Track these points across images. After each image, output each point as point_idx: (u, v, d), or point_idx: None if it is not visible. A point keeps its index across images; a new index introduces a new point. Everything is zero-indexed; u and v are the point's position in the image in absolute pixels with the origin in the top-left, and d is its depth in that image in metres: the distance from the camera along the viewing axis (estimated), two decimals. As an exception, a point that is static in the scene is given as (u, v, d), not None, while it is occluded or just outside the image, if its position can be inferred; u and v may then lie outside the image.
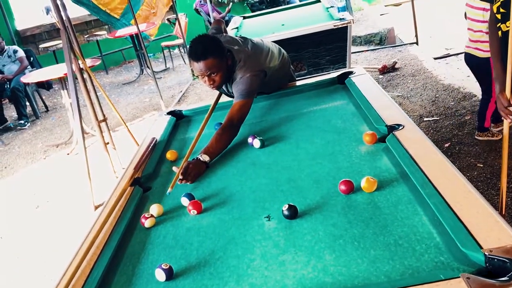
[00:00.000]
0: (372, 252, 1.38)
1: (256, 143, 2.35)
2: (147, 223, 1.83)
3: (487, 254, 1.19)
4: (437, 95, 4.90)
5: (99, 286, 1.50)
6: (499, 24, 2.20)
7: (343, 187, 1.73)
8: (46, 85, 7.50)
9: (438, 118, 4.38)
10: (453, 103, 4.63)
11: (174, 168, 2.24)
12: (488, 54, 2.96)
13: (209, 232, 1.71)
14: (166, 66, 9.28)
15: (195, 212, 1.85)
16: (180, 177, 2.15)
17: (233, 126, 2.47)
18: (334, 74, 3.10)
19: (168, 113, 3.15)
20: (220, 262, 1.51)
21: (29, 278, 3.47)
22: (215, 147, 2.35)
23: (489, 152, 3.56)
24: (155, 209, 1.91)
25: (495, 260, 1.17)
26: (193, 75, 7.99)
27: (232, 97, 2.71)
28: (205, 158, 2.27)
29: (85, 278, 1.53)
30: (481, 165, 3.42)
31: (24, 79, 6.12)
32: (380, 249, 1.38)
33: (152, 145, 2.63)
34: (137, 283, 1.51)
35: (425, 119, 4.42)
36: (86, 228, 1.87)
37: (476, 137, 3.82)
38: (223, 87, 2.81)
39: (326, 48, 4.55)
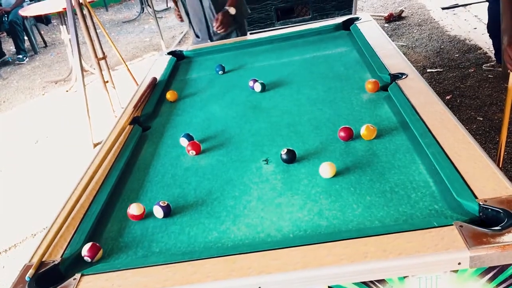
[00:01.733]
0: (368, 198, 1.40)
1: (257, 86, 2.33)
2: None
3: (481, 203, 1.20)
4: (442, 46, 4.82)
5: (98, 219, 1.53)
6: None
7: (342, 134, 1.73)
8: (44, 20, 7.35)
9: (441, 69, 4.33)
10: (457, 55, 4.56)
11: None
12: None
13: (207, 173, 1.73)
14: (167, 6, 9.06)
15: (194, 152, 1.86)
16: (216, 25, 3.05)
17: None
18: (339, 19, 3.03)
19: (169, 53, 3.10)
20: (217, 202, 1.54)
21: (28, 211, 3.54)
22: None
23: (489, 106, 3.55)
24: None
25: (489, 210, 1.18)
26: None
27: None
28: (232, 11, 3.04)
29: (84, 212, 1.55)
30: (481, 119, 3.42)
31: (23, 12, 5.98)
32: (376, 195, 1.40)
33: (152, 84, 2.60)
34: (135, 219, 1.54)
35: (428, 70, 4.38)
36: (85, 164, 1.88)
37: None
38: None
39: (332, -8, 4.43)
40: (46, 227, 1.50)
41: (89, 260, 1.34)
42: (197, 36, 3.45)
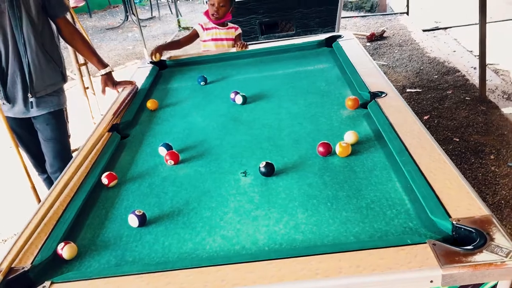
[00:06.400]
0: (344, 214, 1.40)
1: (238, 99, 2.33)
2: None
3: (454, 223, 1.22)
4: (421, 67, 4.92)
5: (71, 227, 1.50)
6: None
7: (321, 149, 1.74)
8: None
9: (420, 90, 4.41)
10: (436, 76, 4.65)
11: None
12: None
13: (185, 183, 1.72)
14: (152, 15, 9.07)
15: (172, 162, 1.85)
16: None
17: None
18: (322, 36, 3.07)
19: (151, 62, 3.09)
20: (193, 213, 1.52)
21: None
22: None
23: (466, 128, 3.62)
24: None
25: (462, 229, 1.20)
26: (179, 26, 7.82)
27: None
28: (108, 69, 2.70)
29: (58, 218, 1.52)
30: (457, 140, 3.48)
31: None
32: (352, 211, 1.41)
33: (133, 92, 2.59)
34: (110, 227, 1.51)
35: (408, 90, 4.45)
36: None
37: None
38: None
39: (317, 10, 4.49)
40: (17, 233, 1.46)
41: None
42: (7, 100, 2.50)
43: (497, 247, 1.11)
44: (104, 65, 2.70)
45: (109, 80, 2.71)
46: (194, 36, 3.39)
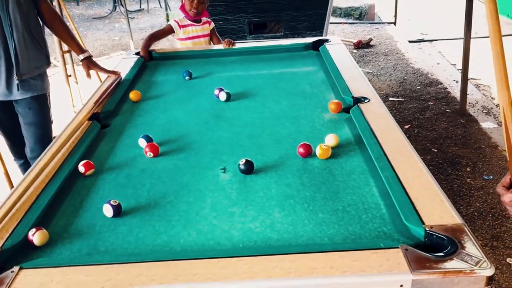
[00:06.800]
0: (320, 215, 1.41)
1: (222, 95, 2.33)
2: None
3: (427, 229, 1.23)
4: (405, 77, 4.97)
5: (44, 213, 1.47)
6: None
7: (301, 150, 1.75)
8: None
9: (403, 99, 4.46)
10: (419, 87, 4.71)
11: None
12: None
13: (163, 176, 1.71)
14: (140, 7, 9.00)
15: (152, 154, 1.83)
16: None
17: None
18: (309, 39, 3.08)
19: (137, 53, 3.07)
20: (170, 206, 1.51)
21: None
22: None
23: (444, 139, 3.67)
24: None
25: (434, 236, 1.22)
26: (168, 20, 7.78)
27: None
28: (88, 53, 2.69)
29: (31, 204, 1.50)
30: (436, 150, 3.53)
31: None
32: (328, 213, 1.42)
33: (116, 82, 2.56)
34: (84, 216, 1.50)
35: (390, 98, 4.50)
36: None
37: None
38: None
39: (306, 13, 4.50)
40: (-12, 216, 1.43)
41: None
42: None
43: (467, 256, 1.13)
44: (82, 50, 2.69)
45: (91, 63, 2.70)
46: (168, 31, 3.37)
